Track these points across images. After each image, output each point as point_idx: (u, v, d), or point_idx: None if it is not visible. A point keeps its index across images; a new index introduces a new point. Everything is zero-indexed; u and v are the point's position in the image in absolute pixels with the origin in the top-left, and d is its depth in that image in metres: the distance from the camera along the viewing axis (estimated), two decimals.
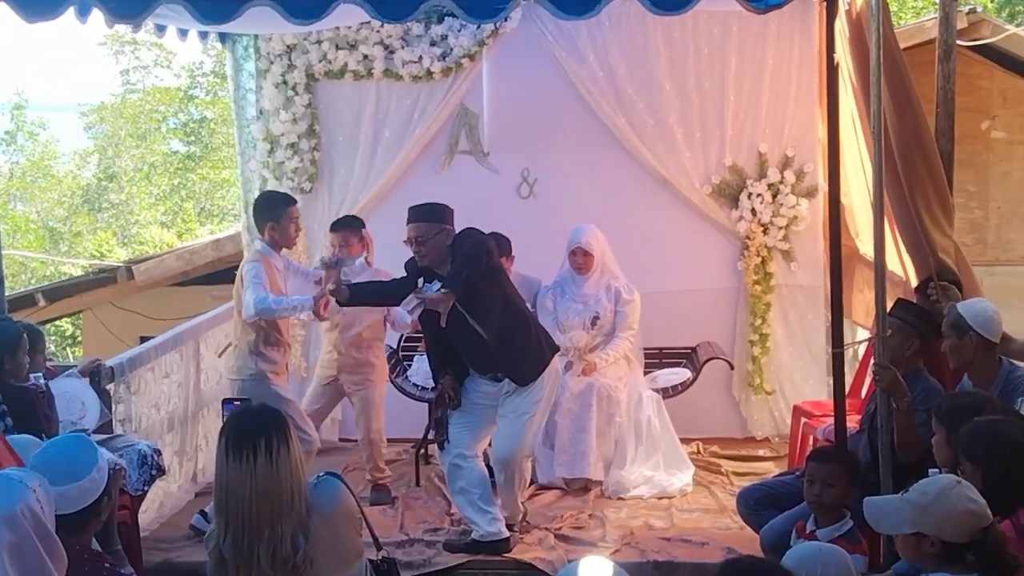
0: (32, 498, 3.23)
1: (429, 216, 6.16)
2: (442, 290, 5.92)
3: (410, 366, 8.17)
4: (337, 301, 6.50)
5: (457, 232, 6.19)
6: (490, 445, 6.63)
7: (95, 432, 6.21)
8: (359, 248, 7.19)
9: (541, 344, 6.45)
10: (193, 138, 29.84)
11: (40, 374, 5.89)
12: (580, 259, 7.64)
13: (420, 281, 6.15)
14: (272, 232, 6.71)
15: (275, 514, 3.48)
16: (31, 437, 4.67)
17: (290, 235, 6.81)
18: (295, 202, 6.97)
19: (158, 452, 6.42)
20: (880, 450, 5.14)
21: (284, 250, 6.94)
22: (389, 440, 7.69)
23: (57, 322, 19.75)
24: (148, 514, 6.82)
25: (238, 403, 3.79)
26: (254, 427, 3.54)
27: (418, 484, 7.72)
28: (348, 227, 7.28)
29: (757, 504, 5.68)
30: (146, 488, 6.29)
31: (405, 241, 6.20)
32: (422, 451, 7.95)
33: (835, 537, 4.71)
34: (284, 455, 3.50)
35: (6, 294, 6.74)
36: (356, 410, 7.43)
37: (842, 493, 4.81)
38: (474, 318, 6.11)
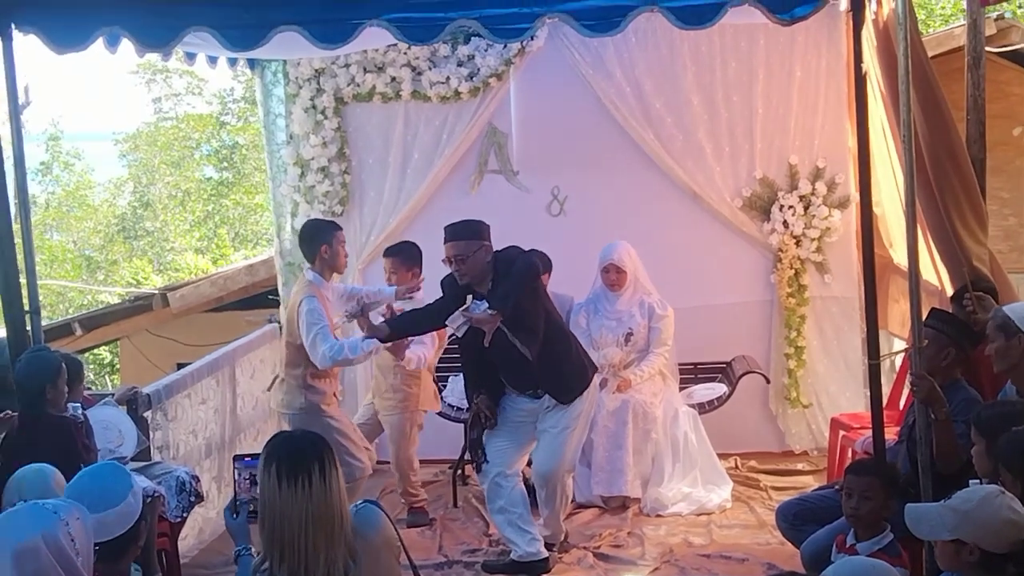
0: (61, 529, 3.23)
1: (468, 233, 6.13)
2: (489, 311, 5.90)
3: (444, 387, 8.17)
4: (380, 340, 6.40)
5: (498, 250, 6.18)
6: (530, 463, 6.61)
7: (133, 459, 6.25)
8: (408, 277, 7.09)
9: (582, 362, 6.45)
10: (226, 164, 30.07)
11: (78, 404, 5.92)
12: (613, 276, 7.63)
13: (469, 299, 6.11)
14: (324, 257, 6.60)
15: (329, 538, 3.45)
16: (45, 466, 4.66)
17: (341, 260, 6.72)
18: (341, 228, 6.94)
19: (196, 479, 6.45)
20: (919, 462, 5.09)
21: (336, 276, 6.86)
22: (425, 461, 7.67)
23: (95, 350, 19.90)
24: (187, 541, 6.85)
25: (250, 459, 3.75)
26: (306, 451, 3.50)
27: (455, 505, 7.71)
28: (398, 256, 7.23)
29: (796, 519, 5.63)
30: (185, 515, 6.31)
31: (444, 260, 6.17)
32: (459, 472, 7.94)
33: (875, 551, 4.66)
34: (335, 478, 3.48)
35: (43, 324, 6.78)
36: (388, 435, 7.42)
37: (880, 506, 4.77)
38: (517, 337, 6.09)
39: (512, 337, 6.08)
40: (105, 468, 3.85)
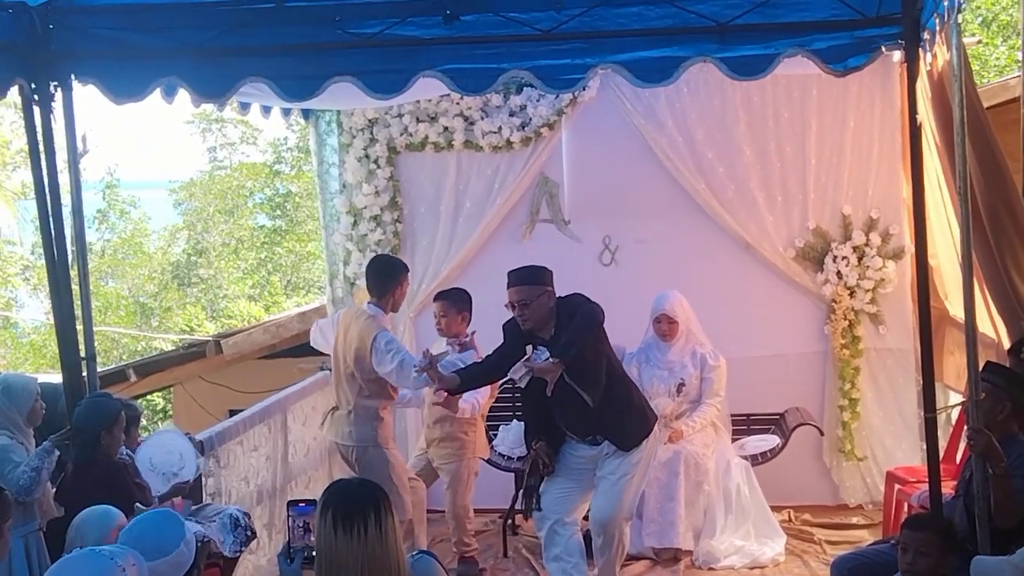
0: (118, 575, 3.26)
1: (531, 279, 6.14)
2: (552, 360, 5.90)
3: (495, 436, 8.15)
4: (449, 393, 6.45)
5: (561, 296, 6.19)
6: (586, 515, 6.57)
7: (186, 498, 6.29)
8: (458, 321, 7.14)
9: (644, 410, 6.42)
10: (279, 212, 30.32)
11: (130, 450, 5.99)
12: (665, 326, 7.61)
13: (529, 349, 6.09)
14: (395, 296, 6.77)
15: None
16: (109, 509, 4.71)
17: (403, 301, 6.95)
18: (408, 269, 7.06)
19: (247, 515, 6.48)
20: (977, 516, 5.00)
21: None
22: (476, 510, 7.65)
23: (148, 396, 20.05)
24: None
25: (304, 505, 3.75)
26: (362, 499, 3.50)
27: (505, 555, 7.68)
28: (449, 299, 7.25)
29: (852, 574, 5.54)
30: (242, 549, 6.33)
31: (507, 305, 6.17)
32: (509, 521, 7.90)
33: None
34: (391, 526, 3.48)
35: (98, 371, 6.85)
36: (444, 484, 7.40)
37: (936, 562, 4.69)
38: (579, 385, 6.06)
39: (575, 385, 6.05)
40: (159, 516, 3.89)
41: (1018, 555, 3.45)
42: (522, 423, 6.96)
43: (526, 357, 5.99)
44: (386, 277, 6.78)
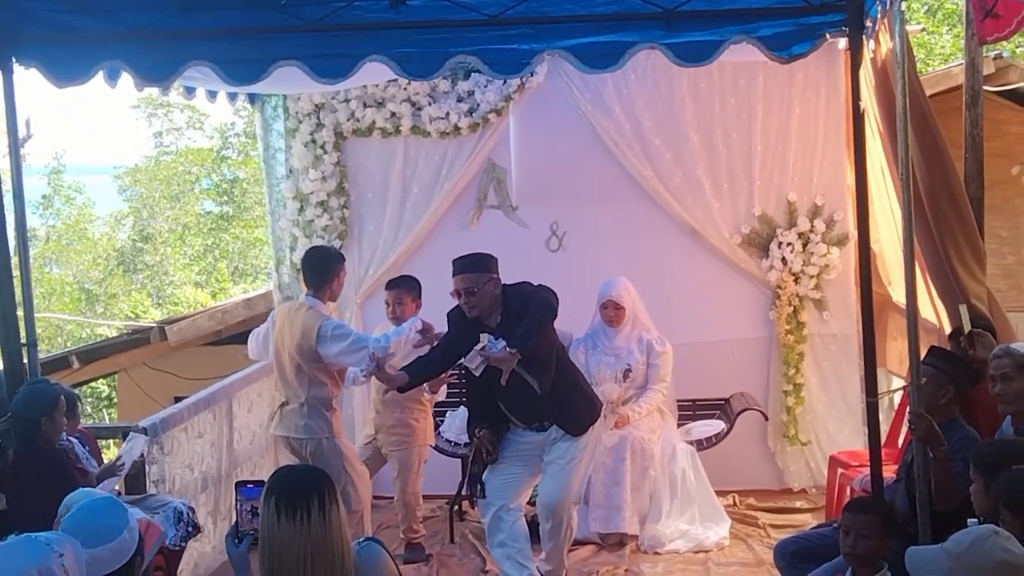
0: (55, 561, 3.23)
1: (477, 267, 6.15)
2: (509, 350, 5.90)
3: (442, 422, 8.15)
4: (400, 391, 6.45)
5: (510, 284, 6.20)
6: (531, 500, 6.58)
7: (128, 493, 6.24)
8: (412, 308, 7.13)
9: (590, 395, 6.50)
10: (226, 198, 30.12)
11: (75, 438, 5.95)
12: (611, 312, 7.63)
13: (485, 338, 6.09)
14: (334, 287, 6.73)
15: (328, 573, 3.44)
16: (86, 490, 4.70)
17: (340, 291, 6.89)
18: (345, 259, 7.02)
19: (192, 510, 6.44)
20: (918, 500, 5.07)
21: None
22: (423, 497, 7.64)
23: (92, 384, 19.85)
24: (183, 575, 6.80)
25: (253, 486, 3.73)
26: (306, 485, 3.49)
27: (452, 541, 7.68)
28: (402, 286, 7.24)
29: (795, 557, 5.59)
30: (183, 544, 6.30)
31: (452, 293, 6.18)
32: (456, 507, 7.90)
33: None
34: (336, 513, 3.47)
35: (41, 356, 6.77)
36: (393, 471, 7.38)
37: (877, 545, 4.74)
38: (531, 373, 6.11)
39: (525, 374, 6.09)
40: (102, 503, 3.84)
41: (951, 541, 3.48)
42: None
43: (481, 346, 6.00)
44: (322, 269, 6.73)
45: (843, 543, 4.83)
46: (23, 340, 6.14)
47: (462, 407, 8.11)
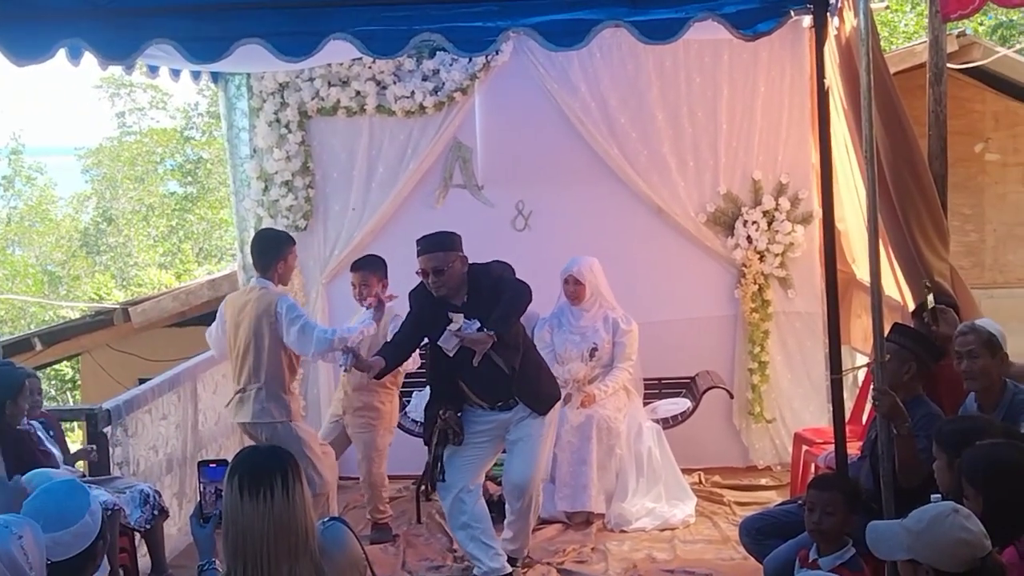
0: (14, 543, 3.20)
1: (443, 245, 6.14)
2: (487, 331, 5.94)
3: (408, 402, 8.13)
4: (377, 377, 6.44)
5: (477, 263, 6.20)
6: (494, 479, 6.59)
7: (94, 476, 6.21)
8: (379, 289, 7.06)
9: (552, 377, 6.57)
10: (190, 179, 29.93)
11: (37, 422, 5.91)
12: (571, 287, 7.63)
13: (460, 319, 6.07)
14: (280, 269, 6.66)
15: (293, 552, 3.42)
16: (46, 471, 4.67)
17: (290, 275, 6.85)
18: (295, 242, 6.97)
19: (158, 493, 6.42)
20: (882, 477, 5.10)
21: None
22: (389, 477, 7.63)
23: (56, 366, 19.73)
24: (148, 558, 6.77)
25: (215, 466, 3.71)
26: (269, 464, 3.47)
27: (419, 521, 7.68)
28: (367, 267, 7.20)
29: (760, 534, 5.63)
30: (148, 526, 6.28)
31: (419, 272, 6.16)
32: (423, 488, 7.90)
33: (837, 565, 4.66)
34: (299, 492, 3.45)
35: (3, 339, 6.71)
36: (358, 453, 7.35)
37: (841, 520, 4.77)
38: (500, 354, 6.13)
39: (494, 355, 6.10)
40: (63, 486, 3.81)
41: (910, 518, 3.49)
42: None
43: (457, 327, 6.01)
44: (267, 252, 6.69)
45: (808, 519, 4.86)
46: None
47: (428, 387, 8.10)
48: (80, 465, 6.58)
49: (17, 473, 5.24)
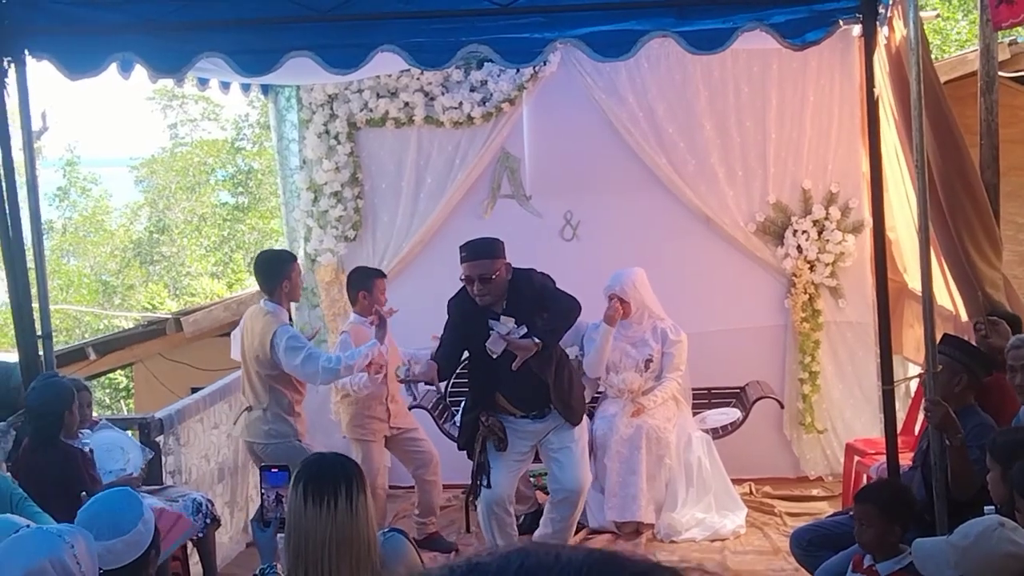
0: (67, 553, 3.24)
1: (489, 252, 6.12)
2: (534, 339, 5.98)
3: (457, 411, 8.14)
4: (437, 381, 6.42)
5: (518, 269, 6.20)
6: (543, 489, 6.61)
7: (146, 484, 6.26)
8: (362, 299, 7.07)
9: (583, 388, 6.66)
10: (241, 189, 30.11)
11: (88, 431, 5.96)
12: (616, 305, 7.59)
13: (510, 322, 6.07)
14: (286, 288, 6.67)
15: (355, 561, 3.44)
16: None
17: (298, 291, 6.87)
18: (296, 258, 7.04)
19: (211, 502, 6.47)
20: (934, 487, 5.06)
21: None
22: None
23: (110, 375, 19.91)
24: (200, 565, 6.82)
25: (276, 470, 3.75)
26: (334, 473, 3.50)
27: (468, 531, 7.69)
28: (348, 285, 7.29)
29: (811, 545, 5.60)
30: (200, 535, 6.32)
31: (463, 278, 6.16)
32: (471, 497, 7.89)
33: (896, 570, 4.62)
34: (363, 503, 3.47)
35: (55, 349, 6.79)
36: (409, 464, 7.43)
37: (881, 532, 4.68)
38: (538, 363, 6.14)
39: (532, 362, 6.11)
40: (116, 495, 3.85)
41: (956, 534, 3.46)
42: None
43: (507, 331, 6.01)
44: (269, 272, 6.70)
45: (855, 531, 4.83)
46: (38, 332, 6.16)
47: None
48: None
49: (63, 490, 5.22)
